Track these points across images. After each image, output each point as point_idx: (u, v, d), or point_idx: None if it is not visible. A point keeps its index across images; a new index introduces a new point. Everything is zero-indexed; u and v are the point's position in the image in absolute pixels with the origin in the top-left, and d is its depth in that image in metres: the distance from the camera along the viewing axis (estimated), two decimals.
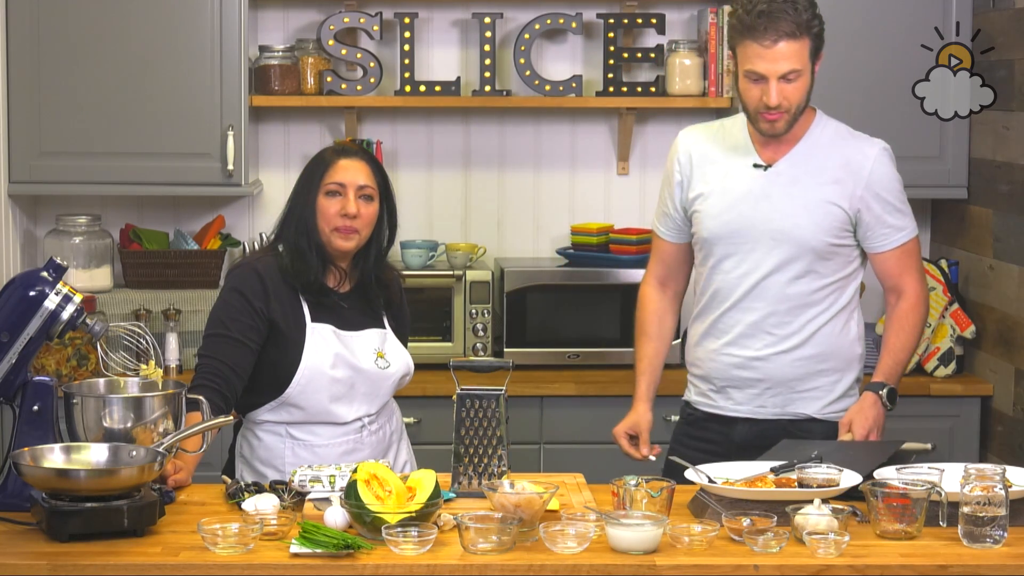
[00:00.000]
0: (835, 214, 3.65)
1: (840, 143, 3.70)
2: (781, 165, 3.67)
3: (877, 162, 3.68)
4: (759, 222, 3.66)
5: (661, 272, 3.88)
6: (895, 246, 3.70)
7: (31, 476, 3.00)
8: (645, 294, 3.90)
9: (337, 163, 3.60)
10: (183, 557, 2.90)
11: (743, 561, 2.90)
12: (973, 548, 2.97)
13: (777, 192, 3.66)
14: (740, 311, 3.70)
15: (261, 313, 3.53)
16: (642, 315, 3.89)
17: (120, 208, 5.27)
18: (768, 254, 3.66)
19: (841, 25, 4.96)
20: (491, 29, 5.11)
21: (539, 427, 4.85)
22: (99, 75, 4.89)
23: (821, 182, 3.65)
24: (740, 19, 3.55)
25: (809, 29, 3.55)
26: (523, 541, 2.97)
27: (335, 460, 3.52)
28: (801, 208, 3.65)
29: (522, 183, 5.38)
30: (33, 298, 3.21)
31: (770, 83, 3.54)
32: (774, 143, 3.67)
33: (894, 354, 3.73)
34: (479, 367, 3.50)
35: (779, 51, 3.52)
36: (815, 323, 3.69)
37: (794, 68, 3.54)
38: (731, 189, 3.69)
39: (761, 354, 3.70)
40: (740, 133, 3.73)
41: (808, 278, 3.67)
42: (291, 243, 3.59)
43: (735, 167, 3.70)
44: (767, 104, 3.55)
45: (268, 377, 3.56)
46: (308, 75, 5.12)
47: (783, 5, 3.52)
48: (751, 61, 3.55)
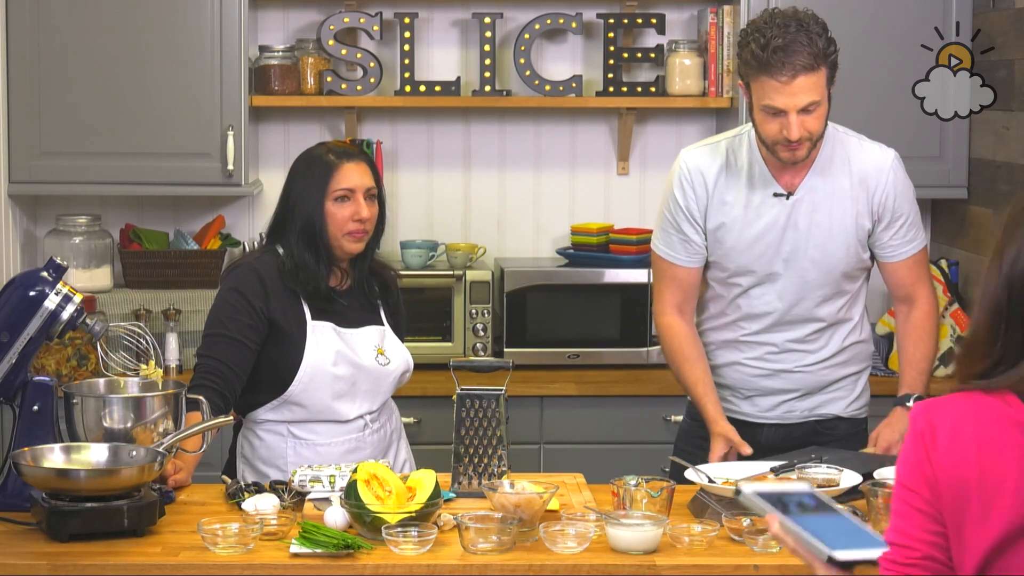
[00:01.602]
0: (860, 233, 3.62)
1: (852, 157, 3.63)
2: (801, 191, 3.59)
3: (892, 173, 3.63)
4: (788, 253, 3.60)
5: (678, 299, 3.69)
6: (909, 256, 3.67)
7: (31, 476, 3.01)
8: (669, 324, 3.69)
9: (342, 167, 3.57)
10: (183, 557, 2.90)
11: (743, 561, 2.90)
12: None
13: (803, 221, 3.59)
14: (771, 334, 3.67)
15: (260, 312, 3.53)
16: (677, 343, 3.68)
17: (120, 208, 5.27)
18: (798, 281, 3.62)
19: (841, 25, 4.94)
20: (491, 29, 5.11)
21: (539, 427, 4.85)
22: (99, 75, 4.88)
23: (841, 203, 3.60)
24: (754, 55, 3.41)
25: (826, 58, 3.43)
26: (523, 541, 2.97)
27: (337, 459, 3.52)
28: (827, 234, 3.59)
29: (522, 183, 5.38)
30: (33, 298, 3.21)
31: (790, 117, 3.42)
32: (790, 170, 3.59)
33: (915, 364, 3.69)
34: (479, 367, 3.50)
35: (797, 86, 3.40)
36: (841, 335, 3.69)
37: (813, 100, 3.42)
38: (755, 220, 3.60)
39: (791, 367, 3.68)
40: (751, 155, 3.61)
41: (835, 298, 3.65)
42: (297, 254, 3.56)
43: (755, 197, 3.60)
44: (788, 138, 3.45)
45: (269, 376, 3.56)
46: (308, 75, 5.12)
47: (797, 35, 3.39)
48: (769, 97, 3.42)
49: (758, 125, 3.50)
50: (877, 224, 3.63)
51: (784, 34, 3.38)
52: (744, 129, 3.65)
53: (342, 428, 3.59)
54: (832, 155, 3.61)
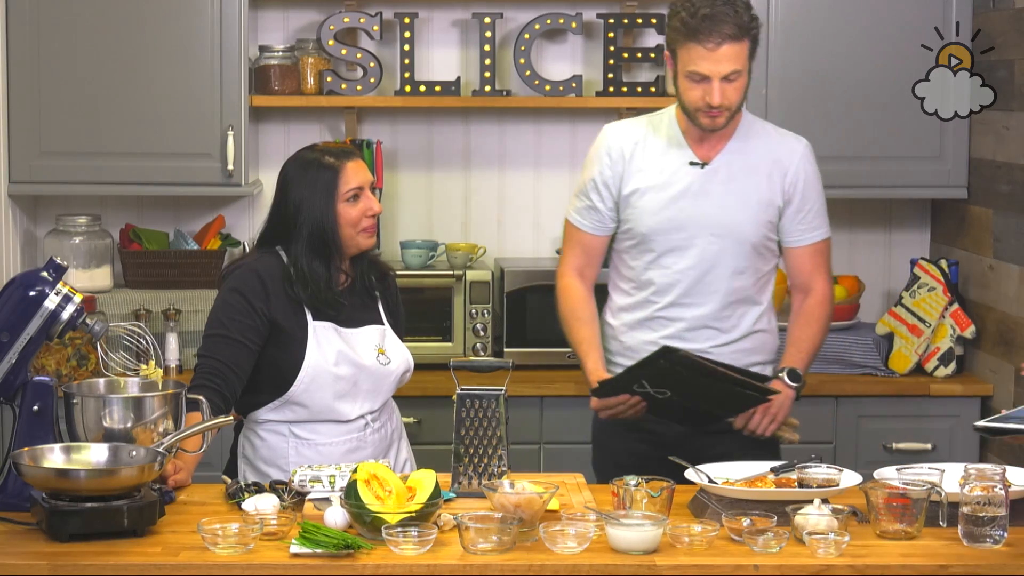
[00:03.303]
0: (770, 209, 3.79)
1: (768, 140, 3.83)
2: (717, 163, 3.78)
3: (803, 159, 3.82)
4: (700, 218, 3.75)
5: (580, 262, 3.91)
6: (811, 242, 3.84)
7: (31, 476, 3.01)
8: (567, 284, 3.91)
9: (346, 168, 3.58)
10: (183, 557, 2.90)
11: (743, 561, 2.90)
12: (973, 548, 2.97)
13: (716, 189, 3.76)
14: (682, 307, 3.78)
15: (261, 313, 3.53)
16: (571, 303, 3.89)
17: (120, 208, 5.27)
18: (709, 249, 3.75)
19: (841, 25, 4.97)
20: (491, 29, 5.11)
21: (539, 427, 4.85)
22: (99, 75, 4.88)
23: (755, 178, 3.78)
24: (683, 22, 3.65)
25: (749, 31, 3.66)
26: (523, 541, 2.97)
27: (339, 458, 3.53)
28: (740, 204, 3.77)
29: (522, 183, 5.38)
30: (33, 298, 3.21)
31: (713, 84, 3.64)
32: (707, 141, 3.78)
33: (798, 343, 3.85)
34: (479, 367, 3.50)
35: (722, 53, 3.62)
36: (751, 317, 3.82)
37: (735, 69, 3.64)
38: (669, 185, 3.78)
39: (704, 346, 3.76)
40: (671, 130, 3.81)
41: (747, 273, 3.79)
42: (305, 264, 3.55)
43: (671, 164, 3.79)
44: (709, 104, 3.65)
45: (270, 376, 3.56)
46: (308, 75, 5.12)
47: (725, 8, 3.62)
48: (694, 63, 3.64)
49: (681, 93, 3.71)
50: (786, 206, 3.80)
51: (712, 5, 3.62)
52: (667, 108, 3.86)
53: (343, 428, 3.60)
54: (749, 133, 3.82)
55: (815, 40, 4.95)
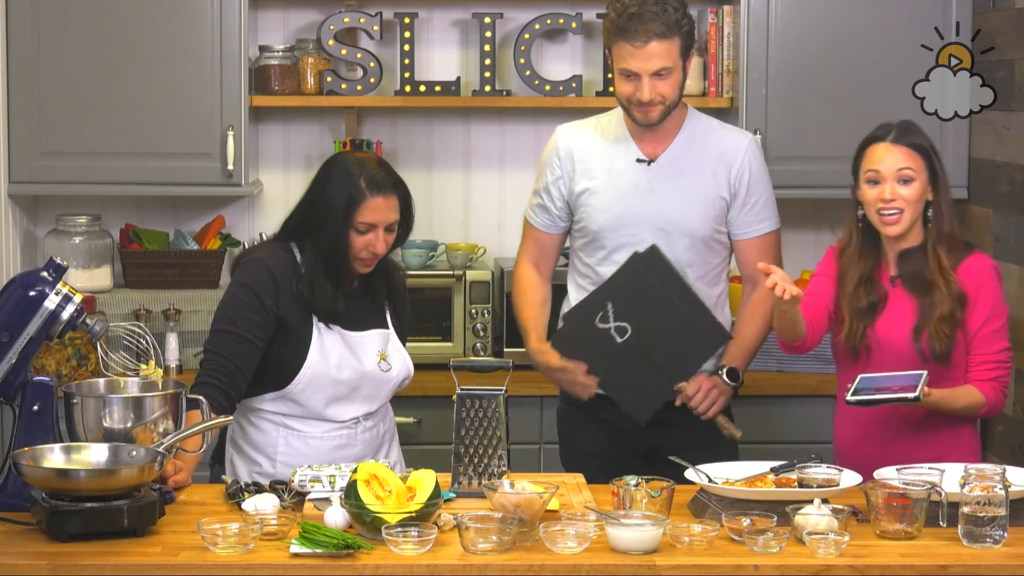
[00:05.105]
0: (717, 204, 3.85)
1: (713, 136, 3.89)
2: (663, 159, 3.85)
3: (748, 153, 3.88)
4: (648, 214, 3.82)
5: (535, 255, 4.04)
6: (759, 235, 3.90)
7: (31, 476, 3.01)
8: (523, 272, 4.05)
9: (370, 203, 3.52)
10: (183, 557, 2.90)
11: (743, 561, 2.90)
12: (973, 548, 2.97)
13: (663, 185, 3.83)
14: None
15: (270, 310, 3.53)
16: (523, 287, 4.03)
17: (120, 208, 5.27)
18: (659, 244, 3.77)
19: (841, 25, 4.97)
20: (491, 29, 5.11)
21: (539, 427, 4.85)
22: (99, 75, 4.88)
23: (701, 174, 3.84)
24: (612, 21, 3.74)
25: (679, 28, 3.73)
26: (523, 541, 2.97)
27: (327, 453, 3.54)
28: (687, 200, 3.83)
29: (522, 183, 5.36)
30: (33, 298, 3.21)
31: (643, 80, 3.72)
32: (653, 138, 3.84)
33: (742, 340, 3.90)
34: (479, 367, 3.50)
35: (650, 51, 3.70)
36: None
37: (665, 66, 3.72)
38: (617, 183, 3.85)
39: None
40: (618, 129, 3.90)
41: (695, 267, 3.84)
42: (314, 274, 3.55)
43: (618, 162, 3.87)
44: (640, 100, 3.73)
45: (272, 370, 3.56)
46: (308, 75, 5.12)
47: (653, 7, 3.69)
48: (624, 60, 3.73)
49: (616, 89, 3.81)
50: (734, 199, 3.86)
51: (640, 4, 3.71)
52: (616, 107, 3.92)
53: (335, 425, 3.60)
54: (695, 130, 3.89)
55: (815, 40, 4.95)
